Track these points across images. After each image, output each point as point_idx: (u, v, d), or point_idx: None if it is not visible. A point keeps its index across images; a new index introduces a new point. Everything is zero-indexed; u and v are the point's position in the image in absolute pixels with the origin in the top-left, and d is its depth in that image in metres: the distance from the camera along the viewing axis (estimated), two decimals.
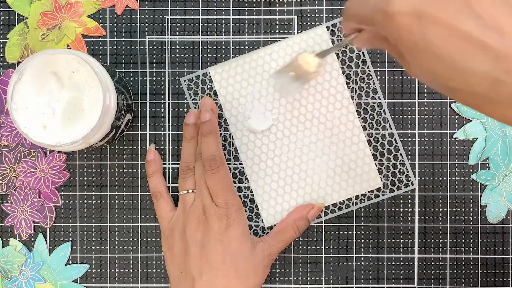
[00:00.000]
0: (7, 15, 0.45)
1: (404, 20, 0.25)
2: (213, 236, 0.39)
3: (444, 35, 0.24)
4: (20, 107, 0.36)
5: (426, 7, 0.24)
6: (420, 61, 0.26)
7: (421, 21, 0.24)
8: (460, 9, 0.23)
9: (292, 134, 0.44)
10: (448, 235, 0.45)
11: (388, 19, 0.26)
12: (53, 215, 0.45)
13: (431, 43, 0.24)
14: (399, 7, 0.25)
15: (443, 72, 0.25)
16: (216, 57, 0.45)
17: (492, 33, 0.23)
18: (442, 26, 0.24)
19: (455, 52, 0.24)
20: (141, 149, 0.45)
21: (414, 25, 0.25)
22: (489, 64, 0.23)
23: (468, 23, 0.23)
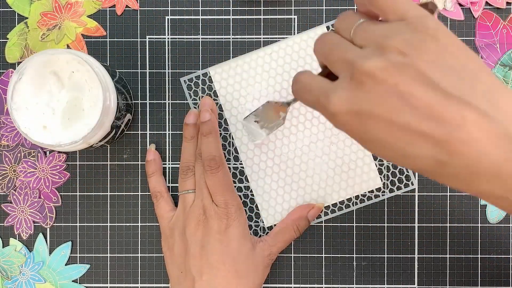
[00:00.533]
0: (7, 15, 0.45)
1: (344, 118, 0.26)
2: (213, 236, 0.39)
3: (384, 129, 0.25)
4: (20, 107, 0.36)
5: (362, 104, 0.25)
6: (367, 148, 0.27)
7: (360, 117, 0.25)
8: (395, 102, 0.24)
9: (292, 134, 0.44)
10: (448, 235, 0.45)
11: (329, 117, 0.27)
12: (53, 215, 0.45)
13: (373, 136, 0.25)
14: (338, 107, 0.26)
15: (390, 157, 0.26)
16: (216, 57, 0.45)
17: (429, 122, 0.23)
18: (380, 121, 0.25)
19: (397, 142, 0.25)
20: (141, 149, 0.45)
21: (354, 122, 0.26)
22: (432, 149, 0.24)
23: (404, 115, 0.24)
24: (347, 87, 0.26)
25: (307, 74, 0.30)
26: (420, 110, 0.24)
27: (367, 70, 0.25)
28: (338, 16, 0.30)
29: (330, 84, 0.27)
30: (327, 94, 0.27)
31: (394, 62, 0.24)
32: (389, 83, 0.24)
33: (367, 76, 0.25)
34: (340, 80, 0.27)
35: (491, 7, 0.44)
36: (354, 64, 0.25)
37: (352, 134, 0.27)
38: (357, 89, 0.25)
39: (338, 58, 0.27)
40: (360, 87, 0.25)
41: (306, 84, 0.29)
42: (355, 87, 0.25)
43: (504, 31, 0.44)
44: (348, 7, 0.45)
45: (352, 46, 0.27)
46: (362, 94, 0.25)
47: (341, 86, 0.26)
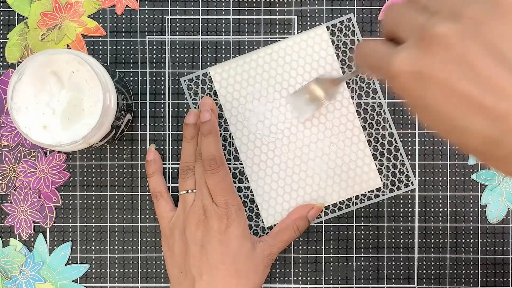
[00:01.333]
0: (7, 15, 0.45)
1: (406, 79, 0.25)
2: (213, 236, 0.39)
3: (443, 95, 0.24)
4: (20, 107, 0.36)
5: (426, 67, 0.25)
6: (421, 116, 0.26)
7: (421, 81, 0.25)
8: (460, 70, 0.24)
9: (292, 134, 0.44)
10: (448, 235, 0.45)
11: (390, 77, 0.26)
12: (53, 215, 0.45)
13: (431, 102, 0.25)
14: (401, 67, 0.25)
15: (442, 128, 0.25)
16: (216, 57, 0.45)
17: (491, 94, 0.23)
18: (441, 86, 0.24)
19: (454, 111, 0.24)
20: (141, 149, 0.45)
21: (414, 85, 0.25)
22: (488, 125, 0.23)
23: (468, 84, 0.24)
24: (414, 48, 0.25)
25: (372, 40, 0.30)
26: (485, 81, 0.23)
27: (438, 32, 0.24)
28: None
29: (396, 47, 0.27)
30: (392, 54, 0.26)
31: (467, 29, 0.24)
32: (458, 49, 0.24)
33: (437, 39, 0.24)
34: (408, 43, 0.26)
35: None
36: (425, 26, 0.25)
37: (409, 98, 0.26)
38: (424, 51, 0.25)
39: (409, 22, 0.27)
40: (427, 49, 0.25)
41: (371, 48, 0.29)
42: (422, 49, 0.25)
43: None
44: (348, 7, 0.45)
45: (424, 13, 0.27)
46: (429, 56, 0.25)
47: (408, 47, 0.26)
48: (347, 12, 0.45)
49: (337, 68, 0.44)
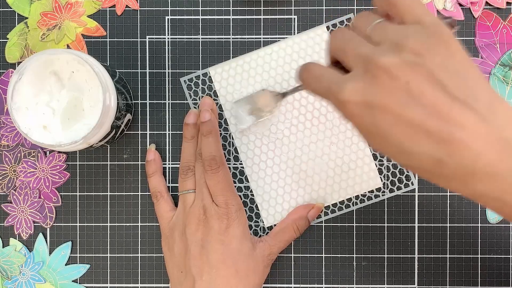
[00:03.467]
0: (7, 15, 0.45)
1: (355, 108, 0.27)
2: (213, 236, 0.39)
3: (390, 122, 0.26)
4: (20, 107, 0.36)
5: (374, 97, 0.26)
6: (372, 142, 0.28)
7: (369, 109, 0.27)
8: (405, 98, 0.26)
9: (292, 134, 0.44)
10: (448, 235, 0.45)
11: (339, 105, 0.28)
12: (53, 215, 0.45)
13: (381, 128, 0.26)
14: (350, 96, 0.27)
15: (391, 151, 0.27)
16: (216, 57, 0.45)
17: (435, 120, 0.25)
18: (389, 113, 0.26)
19: (401, 137, 0.26)
20: (141, 149, 0.45)
21: (364, 113, 0.27)
22: (433, 148, 0.25)
23: (413, 111, 0.25)
24: (361, 79, 0.27)
25: (318, 64, 0.31)
26: (428, 108, 0.25)
27: (383, 65, 0.26)
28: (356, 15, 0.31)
29: (343, 75, 0.28)
30: (340, 84, 0.28)
31: (408, 60, 0.26)
32: (402, 79, 0.26)
33: (382, 70, 0.26)
34: (354, 72, 0.28)
35: (491, 7, 0.44)
36: (370, 58, 0.27)
37: (359, 125, 0.28)
38: (370, 82, 0.27)
39: (354, 52, 0.28)
40: (374, 80, 0.26)
41: (317, 73, 0.30)
42: (369, 80, 0.27)
43: (504, 31, 0.44)
44: (348, 7, 0.45)
45: (368, 43, 0.28)
46: (375, 86, 0.26)
47: (354, 77, 0.27)
48: (347, 12, 0.45)
49: None
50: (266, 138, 0.44)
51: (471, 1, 0.44)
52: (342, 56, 0.30)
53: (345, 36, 0.30)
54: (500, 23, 0.44)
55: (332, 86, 0.28)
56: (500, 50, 0.44)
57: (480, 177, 0.25)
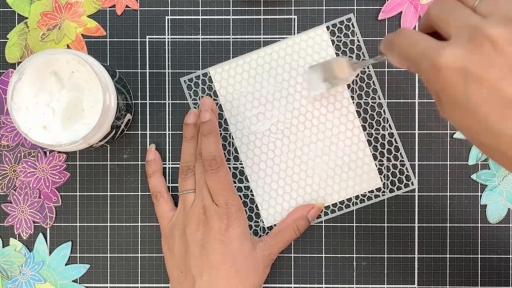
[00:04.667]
0: (7, 15, 0.45)
1: (450, 74, 0.26)
2: (214, 236, 0.39)
3: (486, 96, 0.25)
4: (20, 107, 0.36)
5: (474, 66, 0.25)
6: (458, 114, 0.27)
7: (466, 78, 0.25)
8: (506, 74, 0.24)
9: (292, 134, 0.44)
10: (448, 235, 0.45)
11: (434, 70, 0.26)
12: (53, 215, 0.45)
13: (472, 101, 0.25)
14: (448, 61, 0.26)
15: (477, 128, 0.26)
16: (216, 57, 0.45)
17: None
18: (486, 86, 0.25)
19: (492, 112, 0.25)
20: (141, 149, 0.45)
21: (459, 82, 0.25)
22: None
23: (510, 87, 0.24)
24: (463, 46, 0.26)
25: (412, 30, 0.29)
26: None
27: (490, 34, 0.25)
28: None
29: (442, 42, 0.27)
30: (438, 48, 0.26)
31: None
32: (508, 54, 0.24)
33: (489, 40, 0.25)
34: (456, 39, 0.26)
35: None
36: (477, 26, 0.25)
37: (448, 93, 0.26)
38: (473, 50, 0.25)
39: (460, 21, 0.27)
40: (477, 49, 0.25)
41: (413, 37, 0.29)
42: (473, 48, 0.25)
43: None
44: (348, 7, 0.45)
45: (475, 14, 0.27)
46: (478, 55, 0.25)
47: (456, 43, 0.26)
48: (347, 12, 0.45)
49: None
50: (266, 138, 0.44)
51: None
52: (445, 26, 0.28)
53: (450, 6, 0.28)
54: None
55: (429, 50, 0.27)
56: None
57: None
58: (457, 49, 0.26)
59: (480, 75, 0.25)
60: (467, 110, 0.26)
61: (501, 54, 0.25)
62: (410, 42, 0.29)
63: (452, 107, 0.27)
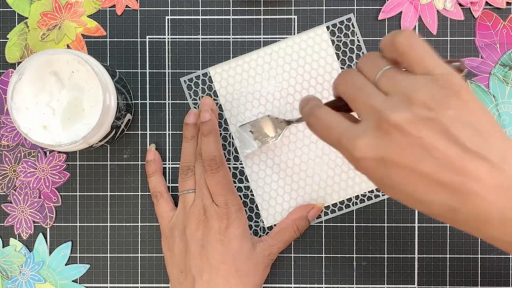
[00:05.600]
0: (7, 15, 0.45)
1: (368, 164, 0.28)
2: (214, 236, 0.39)
3: (405, 176, 0.27)
4: (20, 107, 0.36)
5: (388, 153, 0.27)
6: (386, 192, 0.29)
7: (383, 165, 0.27)
8: (418, 153, 0.26)
9: (292, 134, 0.44)
10: (448, 235, 0.45)
11: (353, 160, 0.28)
12: (53, 215, 0.45)
13: (395, 182, 0.27)
14: (363, 153, 0.27)
15: (407, 200, 0.28)
16: (216, 57, 0.45)
17: (447, 172, 0.26)
18: (403, 169, 0.27)
19: (416, 189, 0.27)
20: (141, 149, 0.45)
21: (379, 168, 0.27)
22: (446, 197, 0.26)
23: (426, 165, 0.26)
24: (373, 135, 0.27)
25: (325, 109, 0.31)
26: (441, 161, 0.26)
27: (395, 121, 0.26)
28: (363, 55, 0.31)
29: (354, 127, 0.29)
30: (352, 138, 0.28)
31: (420, 116, 0.26)
32: (414, 135, 0.26)
33: (394, 127, 0.26)
34: (365, 125, 0.28)
35: (491, 7, 0.44)
36: (381, 113, 0.27)
37: (373, 179, 0.28)
38: (383, 138, 0.27)
39: (363, 102, 0.29)
40: (386, 136, 0.27)
41: (325, 121, 0.30)
42: (382, 136, 0.27)
43: (504, 31, 0.44)
44: (348, 7, 0.45)
45: (377, 92, 0.29)
46: (388, 143, 0.27)
47: (366, 132, 0.28)
48: (347, 12, 0.45)
49: (337, 68, 0.44)
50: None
51: (471, 1, 0.44)
52: (351, 102, 0.30)
53: (355, 82, 0.30)
54: (500, 23, 0.44)
55: (343, 139, 0.28)
56: (500, 50, 0.44)
57: (493, 224, 0.26)
58: (369, 139, 0.27)
59: (395, 160, 0.27)
60: (394, 189, 0.28)
61: (408, 137, 0.26)
62: (323, 126, 0.30)
63: (382, 187, 0.29)
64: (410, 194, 0.27)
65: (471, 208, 0.26)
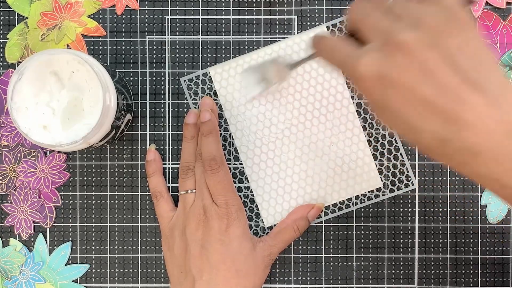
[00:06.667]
0: (7, 15, 0.45)
1: (368, 81, 0.28)
2: (214, 236, 0.39)
3: (402, 98, 0.27)
4: (20, 107, 0.36)
5: (389, 71, 0.27)
6: (383, 116, 0.29)
7: (383, 83, 0.27)
8: (420, 76, 0.26)
9: (292, 134, 0.44)
10: (448, 235, 0.45)
11: (353, 77, 0.28)
12: (53, 215, 0.45)
13: (391, 103, 0.27)
14: (365, 70, 0.28)
15: (399, 127, 0.28)
16: (216, 57, 0.45)
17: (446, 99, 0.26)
18: (402, 89, 0.27)
19: (411, 113, 0.27)
20: (141, 149, 0.45)
21: (378, 87, 0.27)
22: (440, 126, 0.26)
23: (426, 89, 0.26)
24: (377, 53, 0.27)
25: (334, 37, 0.31)
26: (440, 87, 0.26)
27: (402, 40, 0.27)
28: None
29: (360, 48, 0.29)
30: (355, 56, 0.28)
31: (427, 38, 0.26)
32: (418, 57, 0.26)
33: (401, 46, 0.27)
34: (371, 45, 0.28)
35: (491, 7, 0.44)
36: (390, 32, 0.27)
37: (371, 98, 0.28)
38: (387, 56, 0.27)
39: (373, 24, 0.29)
40: (391, 54, 0.27)
41: (333, 44, 0.31)
42: (387, 54, 0.27)
43: (504, 31, 0.44)
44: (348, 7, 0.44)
45: (387, 16, 0.29)
46: (391, 61, 0.27)
47: (371, 50, 0.28)
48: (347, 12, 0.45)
49: None
50: (266, 138, 0.44)
51: None
52: (361, 28, 0.30)
53: (366, 8, 0.30)
54: (500, 23, 0.44)
55: (347, 58, 0.29)
56: (500, 50, 0.44)
57: (483, 159, 0.26)
58: (372, 56, 0.27)
59: (395, 79, 0.27)
60: (390, 113, 0.28)
61: (413, 57, 0.26)
62: (330, 49, 0.31)
63: (377, 110, 0.29)
64: (404, 118, 0.27)
65: (463, 139, 0.26)
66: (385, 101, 0.27)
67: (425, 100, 0.26)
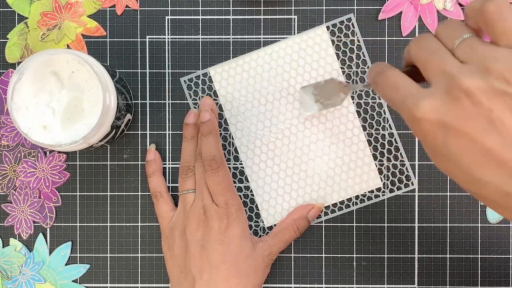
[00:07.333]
0: (7, 15, 0.45)
1: (429, 127, 0.26)
2: (214, 236, 0.39)
3: (465, 147, 0.25)
4: (20, 107, 0.36)
5: (452, 119, 0.25)
6: (440, 162, 0.27)
7: (444, 131, 0.26)
8: (485, 125, 0.25)
9: (292, 134, 0.44)
10: (448, 235, 0.45)
11: (413, 120, 0.27)
12: (53, 215, 0.45)
13: (452, 152, 0.26)
14: (426, 114, 0.26)
15: (459, 176, 0.27)
16: (216, 57, 0.45)
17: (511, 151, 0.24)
18: (464, 138, 0.25)
19: (473, 163, 0.25)
20: (141, 149, 0.45)
21: (438, 134, 0.26)
22: (504, 179, 0.25)
23: (490, 139, 0.25)
24: (441, 98, 0.26)
25: (395, 71, 0.30)
26: (506, 138, 0.24)
27: (467, 87, 0.25)
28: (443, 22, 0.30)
29: (421, 89, 0.27)
30: (417, 98, 0.27)
31: (495, 87, 0.25)
32: (485, 106, 0.25)
33: (465, 94, 0.25)
34: (434, 88, 0.27)
35: None
36: (454, 77, 0.26)
37: (429, 144, 0.27)
38: (451, 103, 0.26)
39: (436, 66, 0.27)
40: (454, 102, 0.25)
41: (393, 80, 0.29)
42: (450, 101, 0.26)
43: None
44: (348, 7, 0.45)
45: (453, 58, 0.27)
46: (455, 109, 0.25)
47: (434, 94, 0.26)
48: (347, 12, 0.45)
49: (337, 68, 0.44)
50: (266, 138, 0.44)
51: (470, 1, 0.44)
52: (423, 69, 0.28)
53: (431, 46, 0.28)
54: None
55: (408, 99, 0.27)
56: None
57: None
58: (435, 101, 0.26)
59: (458, 128, 0.25)
60: (449, 160, 0.26)
61: (478, 106, 0.25)
62: (390, 85, 0.29)
63: (434, 155, 0.27)
64: (466, 168, 0.26)
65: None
66: (446, 149, 0.26)
67: (489, 152, 0.25)
